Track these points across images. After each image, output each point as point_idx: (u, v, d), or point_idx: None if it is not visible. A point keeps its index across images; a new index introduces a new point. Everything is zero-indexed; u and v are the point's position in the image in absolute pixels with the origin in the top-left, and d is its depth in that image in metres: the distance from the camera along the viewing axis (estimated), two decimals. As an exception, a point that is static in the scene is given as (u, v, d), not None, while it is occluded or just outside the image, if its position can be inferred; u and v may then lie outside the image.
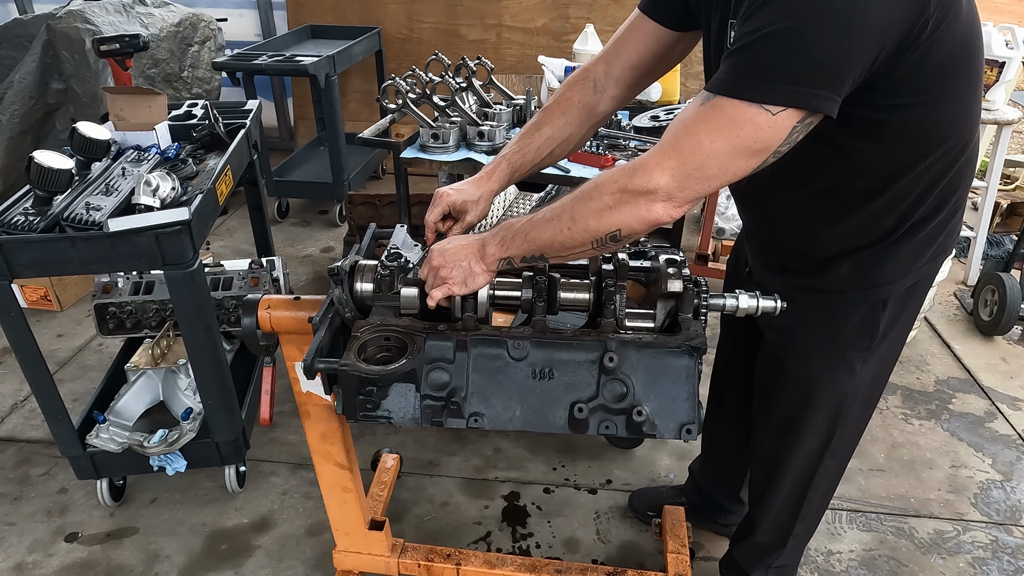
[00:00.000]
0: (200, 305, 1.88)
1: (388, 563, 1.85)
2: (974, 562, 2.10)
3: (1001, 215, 4.03)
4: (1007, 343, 3.16)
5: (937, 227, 1.26)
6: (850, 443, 1.58)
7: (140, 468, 2.13)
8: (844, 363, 1.40)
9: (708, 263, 3.54)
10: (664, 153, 1.04)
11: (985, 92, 3.12)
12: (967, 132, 1.19)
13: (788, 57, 0.96)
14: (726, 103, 0.99)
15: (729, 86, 1.00)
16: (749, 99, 0.98)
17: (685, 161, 1.02)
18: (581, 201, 1.11)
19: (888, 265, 1.27)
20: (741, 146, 1.00)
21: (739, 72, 0.99)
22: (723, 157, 1.01)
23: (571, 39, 3.54)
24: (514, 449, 2.48)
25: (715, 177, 1.03)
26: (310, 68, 3.55)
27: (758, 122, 0.98)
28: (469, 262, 1.19)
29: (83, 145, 1.98)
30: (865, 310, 1.33)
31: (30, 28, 3.63)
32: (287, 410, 2.60)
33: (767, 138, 1.00)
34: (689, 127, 1.03)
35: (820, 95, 0.97)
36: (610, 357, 1.13)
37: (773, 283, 1.40)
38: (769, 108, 0.97)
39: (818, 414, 1.47)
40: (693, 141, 1.02)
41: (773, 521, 1.71)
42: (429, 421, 1.16)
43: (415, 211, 3.30)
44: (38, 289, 3.20)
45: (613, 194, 1.07)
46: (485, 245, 1.19)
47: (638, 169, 1.05)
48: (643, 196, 1.05)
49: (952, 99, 1.11)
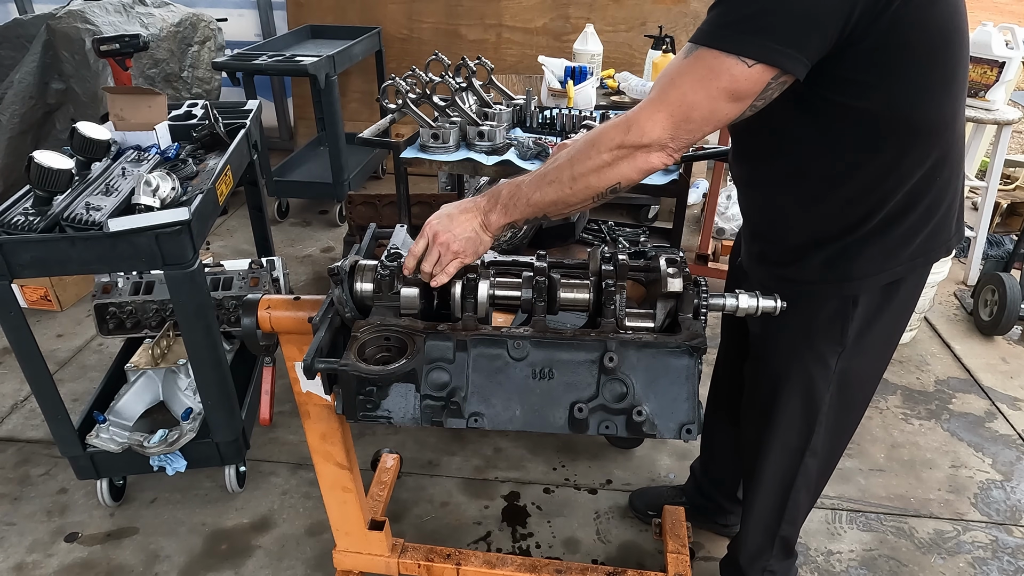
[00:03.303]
0: (200, 305, 1.88)
1: (388, 563, 1.85)
2: (974, 562, 2.10)
3: (1001, 215, 4.03)
4: (1007, 343, 3.16)
5: (913, 227, 1.27)
6: (833, 445, 1.59)
7: (140, 468, 2.13)
8: (815, 355, 1.42)
9: (708, 263, 3.54)
10: (654, 107, 1.11)
11: (985, 92, 3.12)
12: (941, 130, 1.20)
13: (764, 10, 1.03)
14: (706, 53, 1.06)
15: (709, 36, 1.07)
16: (726, 50, 1.04)
17: (673, 112, 1.10)
18: (579, 161, 1.17)
19: (858, 260, 1.30)
20: (722, 94, 1.07)
21: (719, 23, 1.06)
22: (706, 105, 1.08)
23: (571, 39, 3.54)
24: (514, 449, 2.48)
25: (704, 122, 1.10)
26: (310, 68, 3.55)
27: (735, 72, 1.05)
28: (475, 231, 1.24)
29: (83, 145, 1.98)
30: (835, 304, 1.36)
31: (30, 28, 3.63)
32: (287, 410, 2.60)
33: (744, 88, 1.07)
34: (675, 79, 1.10)
35: (789, 54, 1.03)
36: (610, 357, 1.13)
37: (756, 272, 1.46)
38: (745, 60, 1.04)
39: (791, 407, 1.49)
40: (679, 93, 1.09)
41: (759, 520, 1.72)
42: (429, 421, 1.16)
43: (415, 211, 3.31)
44: (38, 289, 3.20)
45: (611, 151, 1.14)
46: (487, 214, 1.25)
47: (632, 124, 1.12)
48: (640, 149, 1.13)
49: (922, 91, 1.14)
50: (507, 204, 1.23)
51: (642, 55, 3.74)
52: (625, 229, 3.09)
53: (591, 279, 1.28)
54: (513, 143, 2.10)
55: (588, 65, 2.93)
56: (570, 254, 2.91)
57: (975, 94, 3.16)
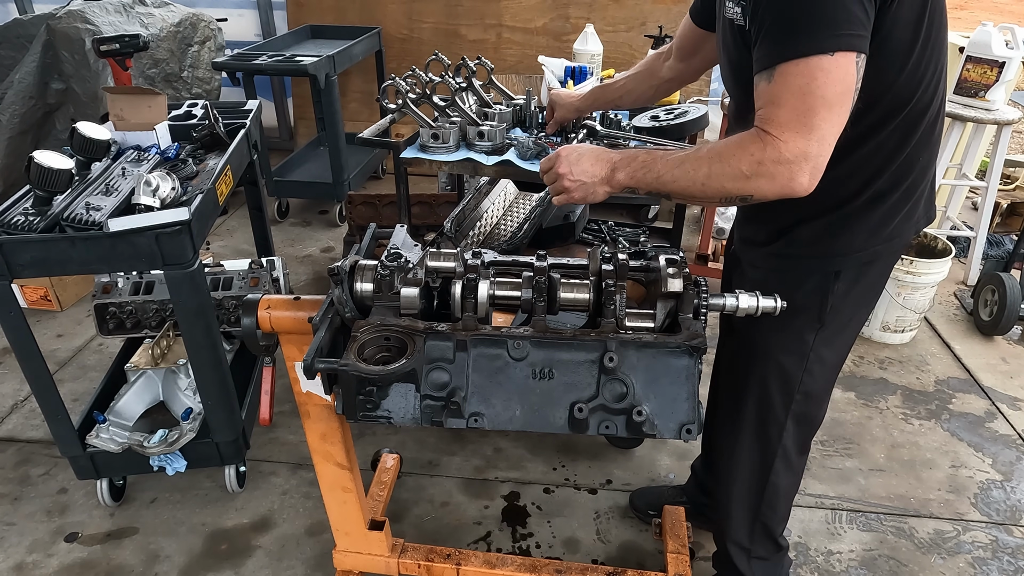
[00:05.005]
0: (200, 305, 1.88)
1: (388, 563, 1.85)
2: (974, 562, 2.10)
3: (1001, 215, 4.03)
4: (1007, 343, 3.16)
5: (894, 207, 1.33)
6: (806, 425, 1.61)
7: (140, 468, 2.13)
8: (793, 330, 1.45)
9: (708, 263, 3.54)
10: (787, 126, 1.10)
11: (985, 92, 3.12)
12: (924, 112, 1.26)
13: (813, 9, 1.06)
14: (788, 67, 1.09)
15: (780, 53, 1.09)
16: (804, 53, 1.07)
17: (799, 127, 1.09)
18: (718, 162, 1.19)
19: (842, 237, 1.35)
20: (828, 94, 1.08)
21: (782, 39, 1.09)
22: (823, 110, 1.08)
23: (571, 39, 3.53)
24: (514, 449, 2.48)
25: (829, 128, 1.10)
26: (310, 68, 3.55)
27: (825, 67, 1.07)
28: (595, 179, 1.32)
29: (83, 145, 1.98)
30: (817, 279, 1.40)
31: (30, 28, 3.63)
32: (287, 410, 2.60)
33: (840, 79, 1.08)
34: (777, 100, 1.11)
35: (855, 34, 1.07)
36: (610, 357, 1.13)
37: (747, 254, 1.51)
38: (825, 54, 1.06)
39: (768, 381, 1.52)
40: (793, 107, 1.09)
41: (739, 502, 1.72)
42: (429, 421, 1.16)
43: (415, 211, 3.31)
44: (38, 289, 3.20)
45: (751, 165, 1.14)
46: (615, 170, 1.31)
47: (768, 144, 1.12)
48: (783, 165, 1.12)
49: (910, 72, 1.19)
50: (637, 170, 1.28)
51: (642, 55, 3.74)
52: (625, 229, 3.09)
53: (591, 279, 1.28)
54: (513, 143, 2.10)
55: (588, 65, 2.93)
56: (570, 254, 2.91)
57: (975, 94, 3.16)
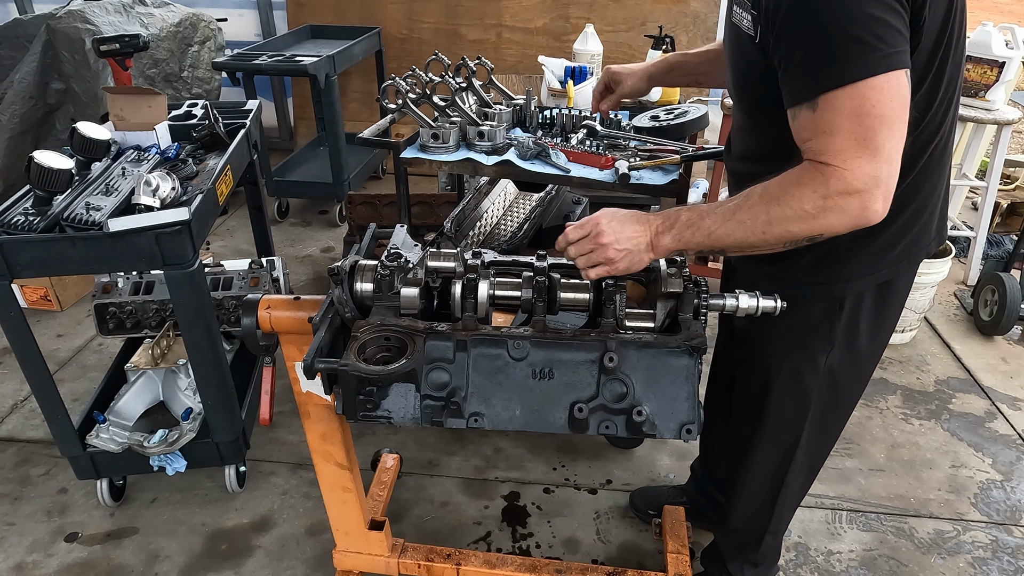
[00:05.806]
0: (200, 305, 1.88)
1: (388, 563, 1.85)
2: (974, 562, 2.10)
3: (1001, 215, 4.03)
4: (1007, 343, 3.16)
5: (900, 231, 1.28)
6: (821, 444, 1.61)
7: (140, 468, 2.13)
8: (806, 354, 1.43)
9: (708, 263, 3.54)
10: (848, 153, 1.05)
11: (985, 92, 3.12)
12: (932, 136, 1.21)
13: (855, 30, 1.01)
14: (835, 94, 1.03)
15: (823, 83, 1.04)
16: (852, 79, 1.02)
17: (862, 150, 1.04)
18: (776, 206, 1.11)
19: (847, 263, 1.30)
20: (885, 111, 1.03)
21: (822, 64, 1.04)
22: (884, 128, 1.03)
23: (571, 39, 3.53)
24: (514, 449, 2.48)
25: (894, 145, 1.05)
26: (310, 68, 3.55)
27: (876, 85, 1.02)
28: (639, 247, 1.20)
29: (83, 145, 1.98)
30: (823, 305, 1.37)
31: (30, 28, 3.63)
32: (287, 410, 2.60)
33: (894, 93, 1.03)
34: (833, 128, 1.05)
35: (901, 51, 1.03)
36: (610, 357, 1.13)
37: (745, 269, 1.48)
38: (872, 76, 1.01)
39: (784, 404, 1.50)
40: (852, 133, 1.04)
41: (747, 512, 1.73)
42: (429, 421, 1.16)
43: (415, 211, 3.31)
44: (38, 289, 3.20)
45: (815, 202, 1.08)
46: (659, 235, 1.20)
47: (831, 176, 1.06)
48: (853, 196, 1.06)
49: (921, 94, 1.14)
50: (683, 231, 1.18)
51: (642, 55, 3.74)
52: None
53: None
54: (513, 143, 2.10)
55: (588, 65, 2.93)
56: (570, 254, 2.91)
57: (975, 94, 3.16)
